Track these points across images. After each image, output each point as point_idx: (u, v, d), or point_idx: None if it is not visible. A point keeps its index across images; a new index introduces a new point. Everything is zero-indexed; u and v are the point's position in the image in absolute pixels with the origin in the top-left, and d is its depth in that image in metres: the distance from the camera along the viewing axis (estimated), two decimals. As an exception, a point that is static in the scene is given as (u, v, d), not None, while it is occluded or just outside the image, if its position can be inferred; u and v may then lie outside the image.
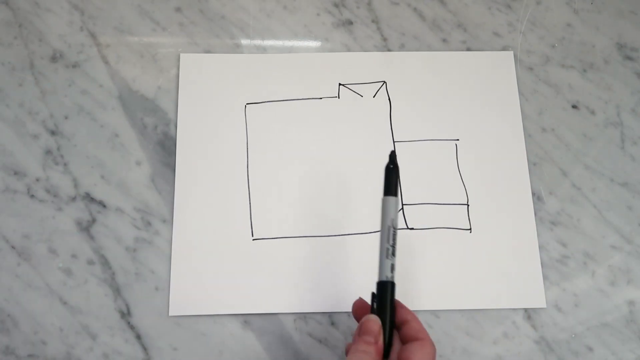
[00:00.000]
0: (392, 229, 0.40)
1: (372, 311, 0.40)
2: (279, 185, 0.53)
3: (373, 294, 0.40)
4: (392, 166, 0.42)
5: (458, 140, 0.56)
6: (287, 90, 0.57)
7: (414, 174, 0.54)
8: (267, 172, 0.54)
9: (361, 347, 0.38)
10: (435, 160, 0.55)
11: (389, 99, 0.57)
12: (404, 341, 0.40)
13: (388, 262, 0.40)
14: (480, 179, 0.54)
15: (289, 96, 0.56)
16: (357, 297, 0.43)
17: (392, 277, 0.40)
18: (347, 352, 0.40)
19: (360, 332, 0.39)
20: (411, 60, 0.58)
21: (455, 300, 0.51)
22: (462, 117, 0.56)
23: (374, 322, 0.39)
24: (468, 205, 0.54)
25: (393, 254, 0.40)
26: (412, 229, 0.53)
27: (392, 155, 0.42)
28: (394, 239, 0.40)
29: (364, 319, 0.39)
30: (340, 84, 0.57)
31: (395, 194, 0.41)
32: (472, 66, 0.58)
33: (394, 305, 0.40)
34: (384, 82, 0.57)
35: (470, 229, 0.53)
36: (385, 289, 0.40)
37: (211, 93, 0.56)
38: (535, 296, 0.51)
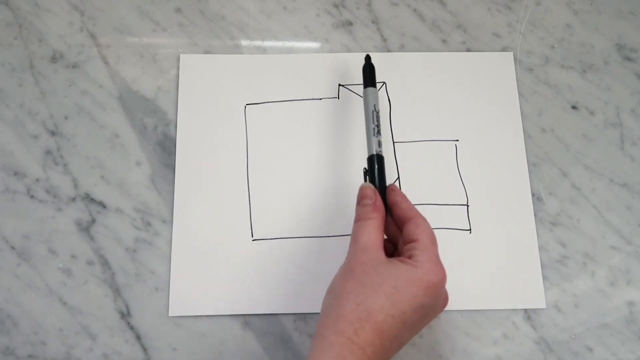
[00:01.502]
0: (374, 112, 0.48)
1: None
2: (279, 186, 0.54)
3: (365, 169, 0.46)
4: (368, 65, 0.51)
5: (458, 140, 0.56)
6: (286, 90, 0.57)
7: (413, 174, 0.54)
8: (267, 172, 0.54)
9: (360, 210, 0.43)
10: (435, 160, 0.55)
11: (389, 100, 0.57)
12: (399, 223, 0.43)
13: (375, 139, 0.46)
14: (480, 180, 0.55)
15: (288, 97, 0.56)
16: None
17: (380, 151, 0.46)
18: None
19: (358, 200, 0.44)
20: (411, 61, 0.58)
21: (455, 301, 0.51)
22: (462, 118, 0.56)
23: (367, 186, 0.44)
24: (468, 206, 0.54)
25: (378, 132, 0.47)
26: (412, 229, 0.53)
27: (367, 57, 0.52)
28: (378, 120, 0.47)
29: (359, 188, 0.44)
30: (340, 85, 0.57)
31: (374, 86, 0.50)
32: (472, 67, 0.58)
33: (383, 174, 0.45)
34: (384, 82, 0.57)
35: (470, 229, 0.53)
36: (374, 161, 0.46)
37: (211, 93, 0.56)
38: (535, 297, 0.51)
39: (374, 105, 0.48)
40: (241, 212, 0.53)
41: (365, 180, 0.46)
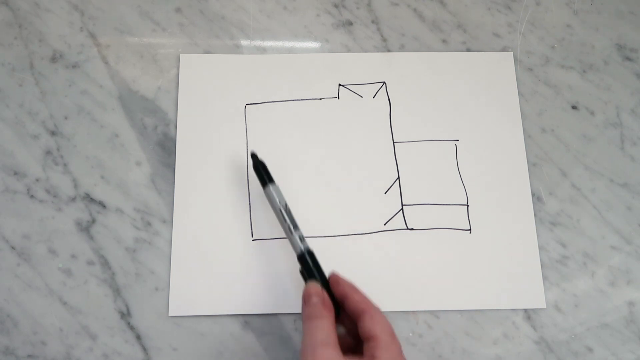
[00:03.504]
0: (282, 210, 0.46)
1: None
2: (279, 186, 0.53)
3: (300, 271, 0.44)
4: (258, 164, 0.49)
5: (458, 140, 0.56)
6: (286, 90, 0.57)
7: (413, 175, 0.54)
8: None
9: (310, 310, 0.40)
10: (435, 160, 0.55)
11: (389, 100, 0.57)
12: (353, 317, 0.41)
13: (295, 237, 0.45)
14: (480, 180, 0.55)
15: (288, 97, 0.56)
16: None
17: (306, 246, 0.45)
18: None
19: (305, 300, 0.41)
20: (411, 61, 0.58)
21: (455, 301, 0.51)
22: (462, 118, 0.56)
23: (312, 285, 0.42)
24: (468, 206, 0.54)
25: (295, 227, 0.45)
26: (412, 229, 0.53)
27: (253, 156, 0.49)
28: (290, 215, 0.46)
29: (303, 289, 0.42)
30: (340, 85, 0.57)
31: (272, 181, 0.48)
32: (472, 67, 0.58)
33: (320, 268, 0.44)
34: (384, 82, 0.57)
35: (470, 229, 0.53)
36: (305, 259, 0.44)
37: (211, 93, 0.56)
38: (535, 297, 0.51)
39: (279, 202, 0.47)
40: (241, 212, 0.53)
41: (305, 279, 0.44)
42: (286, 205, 0.47)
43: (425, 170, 0.55)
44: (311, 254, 0.45)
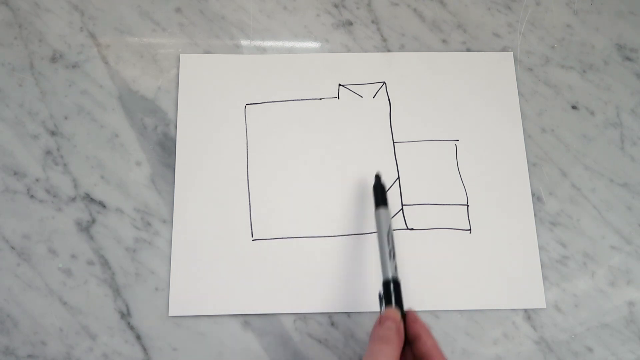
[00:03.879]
0: (390, 235, 0.46)
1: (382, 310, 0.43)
2: (279, 186, 0.54)
3: (380, 295, 0.44)
4: (379, 185, 0.49)
5: (458, 140, 0.56)
6: (287, 90, 0.57)
7: (413, 175, 0.54)
8: (267, 172, 0.54)
9: (382, 332, 0.39)
10: (435, 160, 0.55)
11: (389, 100, 0.57)
12: (418, 357, 0.40)
13: (392, 264, 0.44)
14: (480, 180, 0.55)
15: (288, 97, 0.56)
16: (359, 297, 0.44)
17: (397, 276, 0.44)
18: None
19: (381, 321, 0.40)
20: (411, 61, 0.58)
21: (455, 301, 0.51)
22: (462, 118, 0.56)
23: (393, 311, 0.41)
24: (468, 206, 0.54)
25: (394, 256, 0.45)
26: (412, 229, 0.53)
27: (377, 177, 0.50)
28: (393, 242, 0.45)
29: (384, 311, 0.42)
30: (340, 85, 0.57)
31: (386, 205, 0.48)
32: (472, 67, 0.58)
33: (401, 302, 0.43)
34: (384, 82, 0.57)
35: (470, 229, 0.53)
36: (390, 287, 0.43)
37: (211, 93, 0.56)
38: (535, 297, 0.51)
39: (389, 226, 0.46)
40: (241, 212, 0.53)
41: (380, 305, 0.43)
42: (391, 230, 0.46)
43: (425, 170, 0.55)
44: (398, 285, 0.43)
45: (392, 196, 0.54)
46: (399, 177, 0.54)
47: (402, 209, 0.53)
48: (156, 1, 0.59)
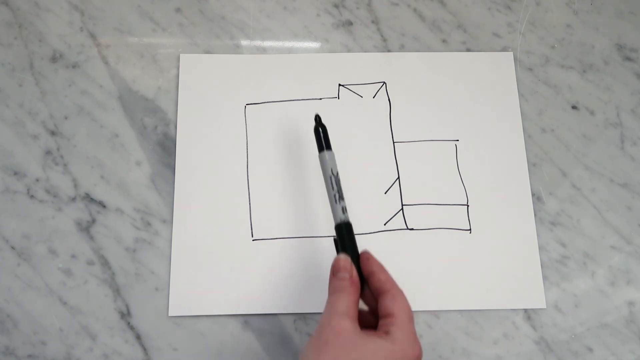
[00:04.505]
0: (332, 177, 0.44)
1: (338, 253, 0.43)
2: (279, 186, 0.54)
3: (334, 239, 0.43)
4: (319, 127, 0.46)
5: (458, 140, 0.56)
6: (286, 90, 0.57)
7: (413, 175, 0.54)
8: (266, 172, 0.54)
9: (336, 283, 0.41)
10: (435, 160, 0.55)
11: (389, 100, 0.57)
12: (376, 294, 0.41)
13: (338, 206, 0.43)
14: (480, 180, 0.55)
15: (288, 97, 0.56)
16: None
17: (346, 217, 0.43)
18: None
19: (333, 272, 0.41)
20: (411, 61, 0.58)
21: (455, 301, 0.51)
22: (462, 118, 0.56)
23: (343, 259, 0.42)
24: (468, 206, 0.54)
25: (341, 197, 0.44)
26: (412, 229, 0.53)
27: (317, 117, 0.46)
28: (338, 184, 0.44)
29: (333, 260, 0.42)
30: (340, 85, 0.57)
31: (329, 148, 0.45)
32: (472, 67, 0.58)
33: (354, 242, 0.43)
34: (384, 82, 0.57)
35: (470, 229, 0.53)
36: (342, 230, 0.43)
37: (211, 93, 0.56)
38: (535, 297, 0.51)
39: (331, 169, 0.45)
40: (241, 212, 0.53)
41: (337, 249, 0.43)
42: (337, 174, 0.45)
43: (425, 170, 0.55)
44: (349, 227, 0.43)
45: (392, 196, 0.54)
46: (399, 177, 0.54)
47: (402, 209, 0.53)
48: (156, 1, 0.59)
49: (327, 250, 0.51)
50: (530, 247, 0.53)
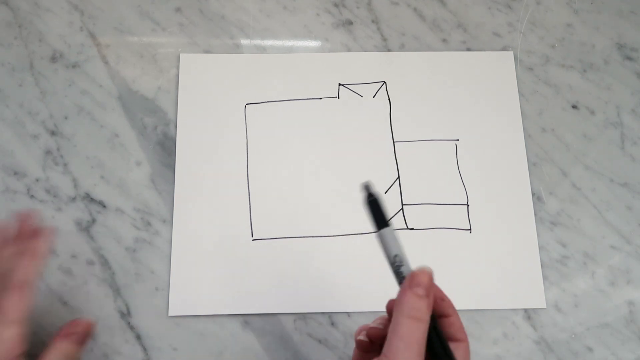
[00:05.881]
0: (394, 259, 0.37)
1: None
2: (279, 186, 0.53)
3: (396, 271, 0.37)
4: (372, 198, 0.36)
5: (458, 140, 0.56)
6: (286, 90, 0.57)
7: (413, 174, 0.54)
8: (267, 172, 0.54)
9: (411, 300, 0.34)
10: (435, 160, 0.55)
11: (389, 99, 0.57)
12: (446, 337, 0.37)
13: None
14: (480, 179, 0.54)
15: (288, 96, 0.56)
16: (359, 297, 0.42)
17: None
18: (388, 310, 0.37)
19: (410, 285, 0.34)
20: (411, 61, 0.58)
21: (455, 301, 0.51)
22: (462, 118, 0.56)
23: (424, 273, 0.35)
24: (468, 206, 0.54)
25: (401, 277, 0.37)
26: (412, 229, 0.53)
27: (367, 187, 0.37)
28: (398, 270, 0.37)
29: (412, 272, 0.35)
30: (340, 84, 0.57)
31: (387, 224, 0.36)
32: (472, 66, 0.58)
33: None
34: (384, 82, 0.57)
35: (470, 229, 0.53)
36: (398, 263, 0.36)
37: (211, 93, 0.56)
38: (535, 296, 0.51)
39: (393, 248, 0.37)
40: (241, 212, 0.53)
41: (399, 281, 0.37)
42: (400, 256, 0.37)
43: (425, 170, 0.55)
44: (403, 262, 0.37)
45: (392, 196, 0.54)
46: (399, 177, 0.54)
47: (402, 208, 0.53)
48: (156, 1, 0.59)
49: (327, 249, 0.51)
50: (530, 247, 0.53)
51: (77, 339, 0.42)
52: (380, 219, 0.36)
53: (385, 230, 0.35)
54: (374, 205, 0.36)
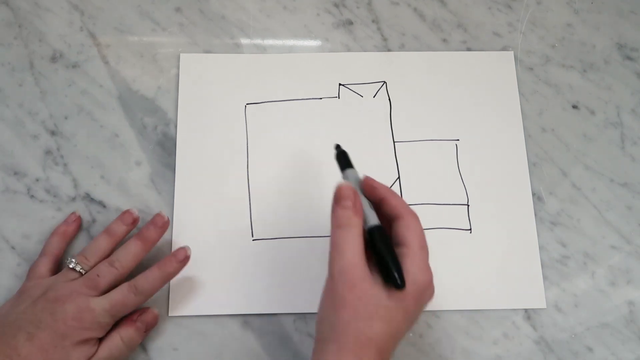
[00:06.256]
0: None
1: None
2: (279, 186, 0.53)
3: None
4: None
5: (458, 140, 0.56)
6: (287, 90, 0.57)
7: (414, 174, 0.54)
8: (267, 172, 0.54)
9: (340, 213, 0.40)
10: (435, 160, 0.55)
11: (389, 99, 0.57)
12: (388, 220, 0.41)
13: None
14: (480, 179, 0.54)
15: (288, 96, 0.56)
16: None
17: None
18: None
19: (337, 200, 0.40)
20: (411, 60, 0.58)
21: (455, 301, 0.51)
22: (462, 117, 0.56)
23: (347, 187, 0.41)
24: (468, 206, 0.54)
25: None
26: (412, 229, 0.53)
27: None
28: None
29: (336, 187, 0.41)
30: (340, 84, 0.57)
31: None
32: (472, 66, 0.58)
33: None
34: (384, 82, 0.57)
35: (470, 229, 0.53)
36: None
37: (211, 93, 0.56)
38: (535, 296, 0.51)
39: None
40: (241, 212, 0.53)
41: (341, 169, 0.44)
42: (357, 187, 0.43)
43: (425, 169, 0.55)
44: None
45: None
46: (399, 177, 0.54)
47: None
48: (156, 1, 0.59)
49: (327, 249, 0.51)
50: (530, 247, 0.53)
51: (142, 327, 0.46)
52: (345, 164, 0.44)
53: (348, 170, 0.43)
54: (342, 156, 0.45)
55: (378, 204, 0.42)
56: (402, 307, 0.38)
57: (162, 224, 0.49)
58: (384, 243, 0.39)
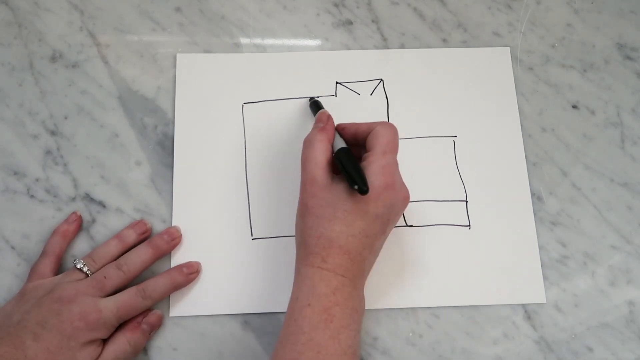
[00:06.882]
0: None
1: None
2: (278, 184, 0.53)
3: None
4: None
5: (456, 137, 0.56)
6: (283, 89, 0.57)
7: (412, 171, 0.54)
8: (265, 171, 0.54)
9: (312, 133, 0.46)
10: (434, 157, 0.55)
11: (387, 97, 0.57)
12: (366, 147, 0.46)
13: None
14: (478, 176, 0.55)
15: (285, 95, 0.56)
16: None
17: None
18: None
19: (315, 125, 0.48)
20: (408, 58, 0.58)
21: (454, 298, 0.51)
22: (460, 114, 0.56)
23: (322, 113, 0.49)
24: (467, 202, 0.54)
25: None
26: (410, 226, 0.53)
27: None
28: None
29: (316, 115, 0.49)
30: (337, 82, 0.57)
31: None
32: (469, 62, 0.58)
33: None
34: (381, 79, 0.57)
35: (469, 225, 0.53)
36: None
37: (208, 93, 0.56)
38: (534, 292, 0.51)
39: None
40: (240, 211, 0.53)
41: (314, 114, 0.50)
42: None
43: (423, 166, 0.55)
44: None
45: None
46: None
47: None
48: (156, 1, 0.59)
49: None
50: (529, 242, 0.53)
51: (147, 329, 0.47)
52: (317, 108, 0.52)
53: (320, 111, 0.49)
54: (314, 105, 0.53)
55: (357, 139, 0.47)
56: (360, 209, 0.42)
57: (175, 237, 0.50)
58: (347, 158, 0.44)
